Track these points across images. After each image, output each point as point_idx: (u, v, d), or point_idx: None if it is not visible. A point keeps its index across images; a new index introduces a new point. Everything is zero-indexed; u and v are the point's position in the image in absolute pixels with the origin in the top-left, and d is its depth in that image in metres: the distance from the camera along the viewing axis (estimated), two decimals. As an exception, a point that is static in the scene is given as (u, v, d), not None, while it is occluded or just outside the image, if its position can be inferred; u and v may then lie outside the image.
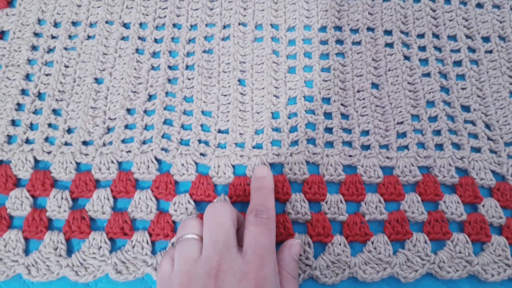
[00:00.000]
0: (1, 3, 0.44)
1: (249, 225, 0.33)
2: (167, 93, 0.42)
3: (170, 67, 0.43)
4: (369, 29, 0.46)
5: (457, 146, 0.42)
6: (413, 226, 0.39)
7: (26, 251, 0.37)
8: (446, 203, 0.39)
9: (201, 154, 0.40)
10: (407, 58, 0.45)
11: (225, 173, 0.39)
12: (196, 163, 0.40)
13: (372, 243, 0.37)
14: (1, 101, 0.41)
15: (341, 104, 0.42)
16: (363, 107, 0.42)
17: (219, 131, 0.41)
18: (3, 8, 0.44)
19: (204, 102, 0.42)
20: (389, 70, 0.44)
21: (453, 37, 0.46)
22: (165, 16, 0.45)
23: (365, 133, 0.41)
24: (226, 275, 0.30)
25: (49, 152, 0.39)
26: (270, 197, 0.36)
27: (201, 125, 0.41)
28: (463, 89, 0.43)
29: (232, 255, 0.31)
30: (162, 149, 0.40)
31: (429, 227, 0.38)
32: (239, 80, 0.43)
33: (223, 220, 0.32)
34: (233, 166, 0.40)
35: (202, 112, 0.41)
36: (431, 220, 0.38)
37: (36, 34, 0.44)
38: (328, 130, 0.41)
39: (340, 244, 0.37)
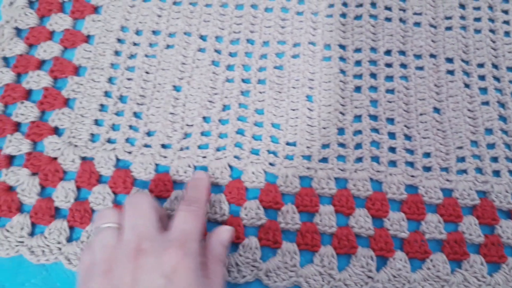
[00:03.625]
0: (88, 9, 0.47)
1: (178, 212, 0.35)
2: (240, 105, 0.44)
3: (243, 80, 0.45)
4: (431, 55, 0.48)
5: (514, 173, 0.43)
6: (470, 248, 0.40)
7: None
8: (502, 228, 0.41)
9: (270, 163, 0.42)
10: (467, 86, 0.47)
11: (291, 183, 0.41)
12: (265, 172, 0.42)
13: (431, 261, 0.39)
14: (86, 101, 0.44)
15: (405, 126, 0.44)
16: (425, 130, 0.44)
17: (288, 143, 0.43)
18: (90, 14, 0.47)
19: (274, 115, 0.44)
20: (450, 96, 0.46)
21: (511, 68, 0.48)
22: (239, 32, 0.47)
23: (427, 155, 0.43)
24: (147, 254, 0.31)
25: (129, 152, 0.42)
26: (203, 194, 0.38)
27: (271, 137, 0.43)
28: (520, 119, 0.45)
29: (154, 236, 0.32)
30: (235, 156, 0.42)
31: (486, 250, 0.40)
32: (307, 96, 0.45)
33: (142, 206, 0.34)
34: (300, 177, 0.42)
35: (272, 124, 0.44)
36: (487, 243, 0.40)
37: (119, 40, 0.47)
38: (391, 149, 0.43)
39: (401, 260, 0.39)
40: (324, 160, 0.43)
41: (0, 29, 0.46)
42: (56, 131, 0.43)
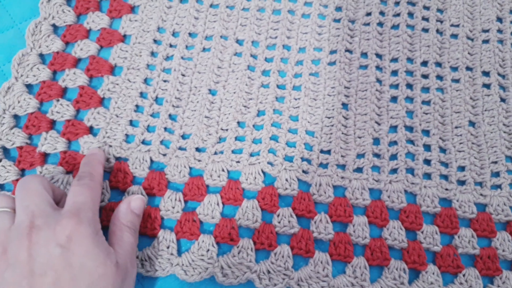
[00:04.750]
0: (125, 9, 0.47)
1: (71, 188, 0.35)
2: (274, 110, 0.44)
3: (278, 86, 0.45)
4: (468, 68, 0.47)
5: (548, 191, 0.43)
6: (502, 264, 0.40)
7: (139, 246, 0.39)
8: (536, 245, 0.40)
9: (303, 171, 0.42)
10: (503, 100, 0.46)
11: (325, 192, 0.41)
12: (298, 179, 0.42)
13: (464, 275, 0.39)
14: (122, 102, 0.44)
15: (440, 138, 0.44)
16: (460, 143, 0.44)
17: (322, 151, 0.43)
18: (127, 13, 0.47)
19: (309, 122, 0.44)
20: (485, 110, 0.45)
21: (549, 84, 0.47)
22: (276, 37, 0.47)
23: (461, 168, 0.43)
24: (40, 229, 0.31)
25: (164, 155, 0.42)
26: (96, 167, 0.38)
27: (305, 144, 0.43)
28: (556, 136, 0.45)
29: (47, 212, 0.32)
30: (268, 162, 0.42)
31: (518, 267, 0.40)
32: (342, 104, 0.45)
33: (32, 186, 0.34)
34: (333, 187, 0.42)
35: (306, 131, 0.44)
36: (520, 260, 0.40)
37: (156, 41, 0.47)
38: (426, 162, 0.43)
39: (433, 273, 0.39)
40: (359, 170, 0.42)
41: (38, 26, 0.46)
42: (91, 130, 0.43)
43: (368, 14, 0.49)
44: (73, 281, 0.30)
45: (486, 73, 0.47)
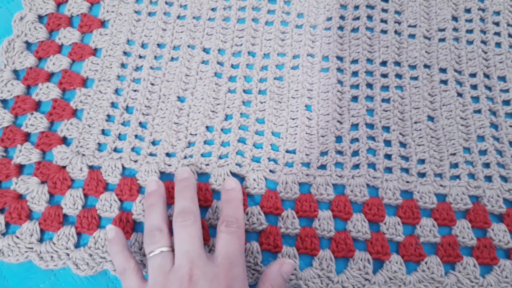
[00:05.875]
0: (95, 24, 0.49)
1: (220, 234, 0.37)
2: (241, 114, 0.46)
3: (244, 91, 0.47)
4: (425, 66, 0.50)
5: (504, 179, 0.45)
6: (463, 250, 0.42)
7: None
8: (494, 231, 0.42)
9: (270, 170, 0.44)
10: (460, 95, 0.48)
11: (291, 189, 0.43)
12: (266, 179, 0.43)
13: (426, 263, 0.41)
14: (93, 112, 0.45)
15: (400, 133, 0.46)
16: (419, 137, 0.46)
17: (287, 151, 0.45)
18: (97, 28, 0.49)
19: (274, 124, 0.46)
20: (443, 105, 0.47)
21: (502, 78, 0.50)
22: (241, 44, 0.49)
23: (421, 161, 0.45)
24: (198, 279, 0.33)
25: (135, 161, 0.43)
26: (239, 207, 0.40)
27: (271, 145, 0.45)
28: (511, 126, 0.47)
29: (203, 261, 0.34)
30: (237, 164, 0.44)
31: (478, 252, 0.42)
32: (306, 106, 0.47)
33: (193, 232, 0.36)
34: (299, 184, 0.43)
35: (272, 133, 0.45)
36: (480, 246, 0.42)
37: (125, 53, 0.49)
38: (387, 156, 0.45)
39: (397, 262, 0.41)
40: (323, 167, 0.44)
41: (11, 43, 0.48)
42: (65, 141, 0.45)
43: (329, 19, 0.51)
44: None
45: (443, 70, 0.50)
